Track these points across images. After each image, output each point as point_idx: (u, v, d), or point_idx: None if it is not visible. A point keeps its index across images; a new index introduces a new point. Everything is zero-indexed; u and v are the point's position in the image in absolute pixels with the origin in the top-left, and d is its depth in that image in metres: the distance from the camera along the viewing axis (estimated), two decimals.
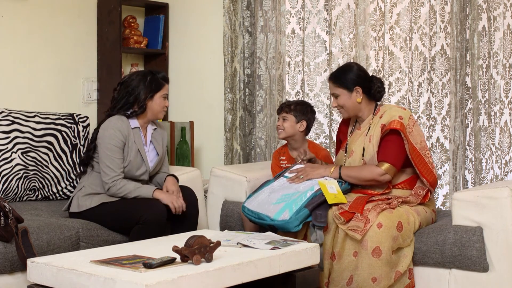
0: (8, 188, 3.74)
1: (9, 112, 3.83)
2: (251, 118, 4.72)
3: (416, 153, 3.38)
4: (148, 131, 3.69)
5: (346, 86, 3.49)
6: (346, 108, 3.53)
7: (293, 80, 4.52)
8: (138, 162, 3.59)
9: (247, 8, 4.67)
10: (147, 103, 3.59)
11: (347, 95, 3.50)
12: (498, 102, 3.90)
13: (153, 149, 3.69)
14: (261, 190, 3.55)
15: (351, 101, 3.50)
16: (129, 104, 3.59)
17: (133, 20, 4.97)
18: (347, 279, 3.20)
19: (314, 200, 3.30)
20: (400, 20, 4.18)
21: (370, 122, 3.52)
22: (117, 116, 3.57)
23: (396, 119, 3.39)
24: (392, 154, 3.39)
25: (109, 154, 3.50)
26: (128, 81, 3.62)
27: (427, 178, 3.40)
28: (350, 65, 3.61)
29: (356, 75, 3.50)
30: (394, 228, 3.19)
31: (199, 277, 2.53)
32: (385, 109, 3.51)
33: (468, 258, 3.17)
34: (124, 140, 3.54)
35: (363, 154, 3.47)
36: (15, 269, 3.03)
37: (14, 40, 4.38)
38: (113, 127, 3.52)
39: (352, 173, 3.45)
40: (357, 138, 3.54)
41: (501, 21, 3.87)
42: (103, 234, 3.41)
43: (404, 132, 3.36)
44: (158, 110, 3.62)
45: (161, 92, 3.61)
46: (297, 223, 3.25)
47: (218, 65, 4.87)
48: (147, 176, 3.66)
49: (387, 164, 3.38)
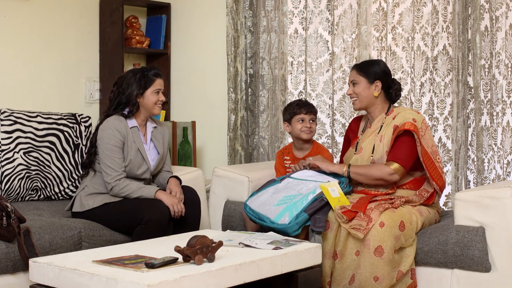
0: (10, 188, 3.74)
1: (12, 112, 3.84)
2: (253, 118, 4.72)
3: (428, 156, 3.39)
4: (148, 129, 3.69)
5: (368, 76, 3.52)
6: (361, 98, 3.53)
7: (296, 80, 4.52)
8: (139, 161, 3.60)
9: (249, 8, 4.67)
10: (139, 100, 3.60)
11: (366, 85, 3.51)
12: (500, 102, 3.89)
13: (154, 147, 3.70)
14: (265, 190, 3.55)
15: (368, 93, 3.51)
16: (123, 103, 3.61)
17: (135, 20, 4.97)
18: (349, 278, 3.20)
19: (315, 204, 3.29)
20: (402, 20, 4.18)
21: (382, 121, 3.52)
22: (115, 116, 3.58)
23: (410, 121, 3.39)
24: (403, 154, 3.40)
25: (109, 154, 3.51)
26: (120, 81, 3.65)
27: (437, 182, 3.42)
28: (378, 60, 3.69)
29: (381, 70, 3.54)
30: (396, 228, 3.19)
31: (201, 277, 2.53)
32: (398, 111, 3.52)
33: (470, 258, 3.16)
34: (122, 139, 3.54)
35: (373, 152, 3.47)
36: (17, 269, 3.03)
37: (16, 40, 4.38)
38: (110, 127, 3.53)
39: (361, 170, 3.45)
40: (368, 136, 3.54)
41: (503, 21, 3.87)
42: (105, 234, 3.42)
43: (417, 133, 3.36)
44: (151, 106, 3.62)
45: (152, 87, 3.61)
46: (297, 227, 3.25)
47: (220, 65, 4.87)
48: (149, 174, 3.66)
49: (396, 164, 3.38)
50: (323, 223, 3.24)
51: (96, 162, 3.61)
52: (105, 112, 3.68)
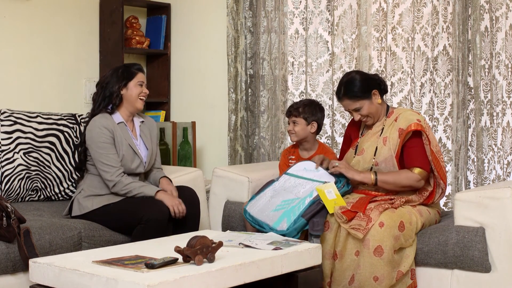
0: (10, 188, 3.74)
1: (12, 113, 3.84)
2: (253, 119, 4.72)
3: (434, 155, 3.39)
4: (136, 124, 3.69)
5: (364, 95, 3.45)
6: (372, 115, 3.50)
7: (297, 80, 4.52)
8: (131, 155, 3.60)
9: (249, 9, 4.67)
10: (122, 92, 3.60)
11: (369, 102, 3.46)
12: (500, 103, 3.89)
13: (143, 143, 3.70)
14: (263, 192, 3.55)
15: (374, 106, 3.48)
16: (106, 98, 3.60)
17: (135, 20, 4.97)
18: (349, 278, 3.20)
19: (312, 208, 3.29)
20: (403, 21, 4.18)
21: (383, 123, 3.51)
22: (100, 114, 3.58)
23: (415, 122, 3.39)
24: (420, 157, 3.40)
25: (102, 152, 3.51)
26: (102, 79, 3.67)
27: (443, 180, 3.43)
28: (352, 75, 3.51)
29: (365, 80, 3.47)
30: (395, 228, 3.19)
31: (201, 277, 2.53)
32: (399, 112, 3.51)
33: (470, 259, 3.16)
34: (112, 135, 3.54)
35: (375, 154, 3.47)
36: (17, 270, 3.03)
37: (16, 41, 4.39)
38: (98, 125, 3.53)
39: (389, 179, 3.40)
40: (369, 138, 3.53)
41: (503, 22, 3.86)
42: (105, 235, 3.42)
43: (425, 132, 3.37)
44: (134, 98, 3.61)
45: (135, 79, 3.62)
46: (295, 233, 3.26)
47: (220, 66, 4.87)
48: (143, 168, 3.65)
49: (418, 168, 3.39)
50: (321, 226, 3.24)
51: (89, 164, 3.61)
52: (90, 113, 3.68)
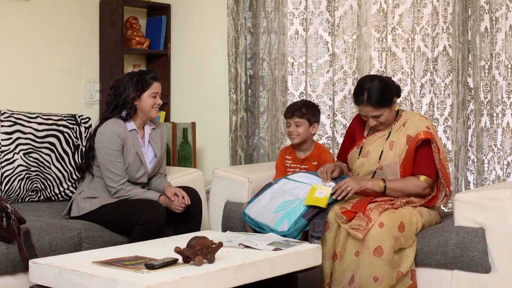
0: (10, 189, 3.74)
1: (12, 113, 3.84)
2: (253, 119, 4.72)
3: (441, 164, 3.41)
4: (146, 131, 3.68)
5: (388, 103, 3.42)
6: (388, 122, 3.48)
7: (297, 80, 4.52)
8: (137, 164, 3.59)
9: (249, 9, 4.67)
10: (136, 103, 3.59)
11: (389, 110, 3.44)
12: (500, 103, 3.89)
13: (152, 150, 3.69)
14: (262, 195, 3.55)
15: (392, 114, 3.47)
16: (119, 106, 3.58)
17: (135, 21, 4.97)
18: (349, 279, 3.20)
19: (313, 209, 3.29)
20: (403, 21, 4.17)
21: (391, 126, 3.50)
22: (114, 119, 3.56)
23: (424, 129, 3.39)
24: (427, 165, 3.40)
25: (110, 159, 3.50)
26: (117, 84, 3.63)
27: (449, 187, 3.44)
28: (376, 82, 3.40)
29: (387, 87, 3.42)
30: (395, 228, 3.19)
31: (201, 278, 2.53)
32: (407, 116, 3.50)
33: (470, 259, 3.16)
34: (122, 143, 3.53)
35: (380, 158, 3.46)
36: (17, 270, 3.03)
37: (16, 41, 4.39)
38: (110, 131, 3.52)
39: (398, 187, 3.38)
40: (375, 140, 3.52)
41: (503, 22, 3.86)
42: (105, 235, 3.42)
43: (434, 140, 3.38)
44: (148, 109, 3.59)
45: (149, 90, 3.59)
46: (296, 234, 3.26)
47: (220, 66, 4.87)
48: (146, 178, 3.66)
49: (424, 176, 3.39)
50: (322, 227, 3.24)
51: (94, 166, 3.60)
52: (103, 114, 3.67)
